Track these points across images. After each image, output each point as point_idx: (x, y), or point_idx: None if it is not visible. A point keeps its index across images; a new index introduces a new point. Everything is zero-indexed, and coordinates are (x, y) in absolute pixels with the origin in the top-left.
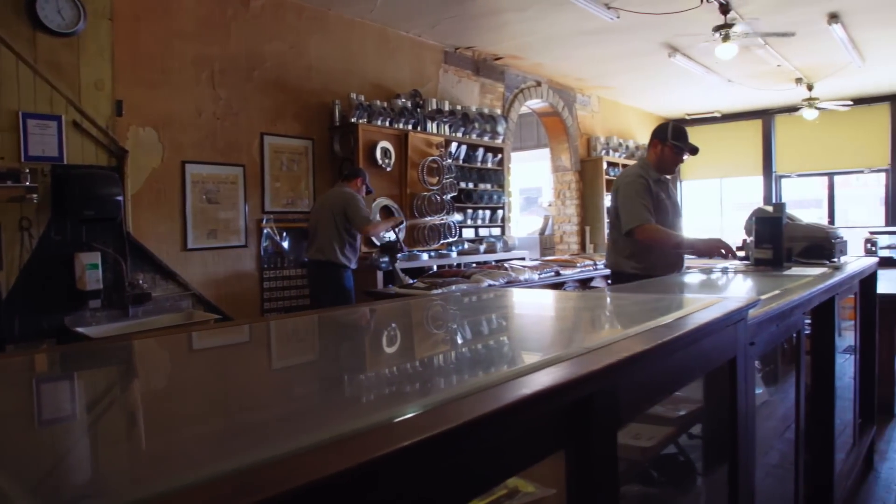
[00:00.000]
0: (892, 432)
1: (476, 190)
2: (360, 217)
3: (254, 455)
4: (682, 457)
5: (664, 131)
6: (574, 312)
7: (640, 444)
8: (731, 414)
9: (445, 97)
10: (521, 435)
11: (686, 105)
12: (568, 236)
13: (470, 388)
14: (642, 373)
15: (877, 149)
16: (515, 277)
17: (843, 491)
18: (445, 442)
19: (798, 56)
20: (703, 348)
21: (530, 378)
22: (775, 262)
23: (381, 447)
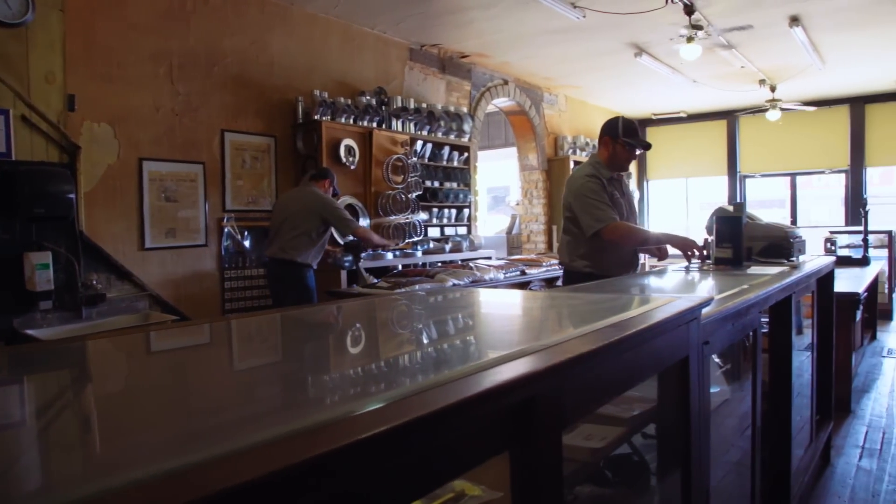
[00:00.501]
0: (849, 428)
1: (442, 189)
2: (346, 220)
3: (192, 455)
4: (636, 457)
5: (615, 128)
6: (526, 312)
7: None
8: (684, 413)
9: (411, 95)
10: (462, 436)
11: (652, 105)
12: (535, 235)
13: (409, 390)
14: (589, 373)
15: (837, 150)
16: (480, 277)
17: (801, 486)
18: (385, 442)
19: (761, 58)
20: (653, 348)
21: (470, 380)
22: (735, 261)
23: (315, 448)
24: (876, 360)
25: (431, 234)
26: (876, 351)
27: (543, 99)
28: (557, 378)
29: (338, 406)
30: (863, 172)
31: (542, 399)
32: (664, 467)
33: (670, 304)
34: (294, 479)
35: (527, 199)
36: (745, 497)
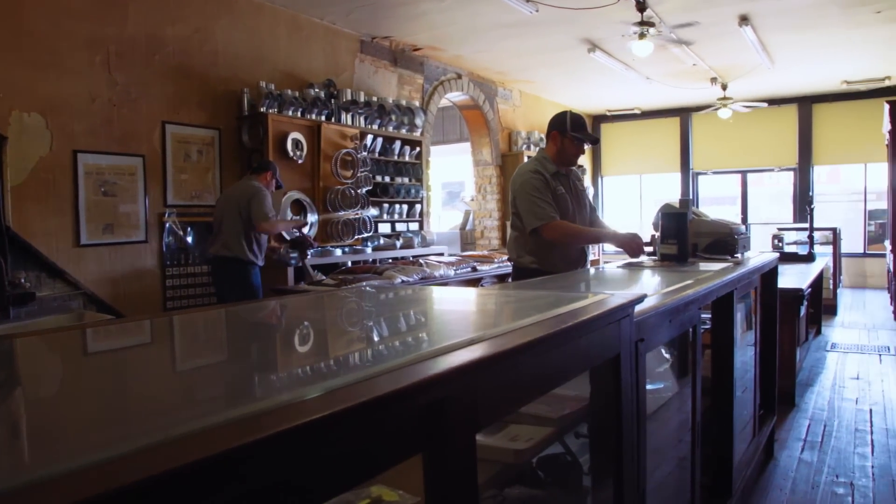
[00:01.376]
0: (793, 422)
1: (393, 184)
2: (260, 213)
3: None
4: (569, 457)
5: (563, 123)
6: (453, 311)
7: (515, 446)
8: (616, 411)
9: (361, 88)
10: (370, 439)
11: (607, 101)
12: (489, 231)
13: (303, 394)
14: (507, 373)
15: (786, 148)
16: (430, 273)
17: (743, 480)
18: (288, 443)
19: (712, 56)
20: (580, 346)
21: (374, 383)
22: (680, 258)
23: (224, 444)
24: (820, 354)
25: (382, 230)
26: (820, 345)
27: (497, 93)
28: (469, 379)
29: (236, 408)
30: (810, 171)
31: (454, 401)
32: (597, 467)
33: (600, 302)
34: (178, 484)
35: (480, 194)
36: (686, 492)
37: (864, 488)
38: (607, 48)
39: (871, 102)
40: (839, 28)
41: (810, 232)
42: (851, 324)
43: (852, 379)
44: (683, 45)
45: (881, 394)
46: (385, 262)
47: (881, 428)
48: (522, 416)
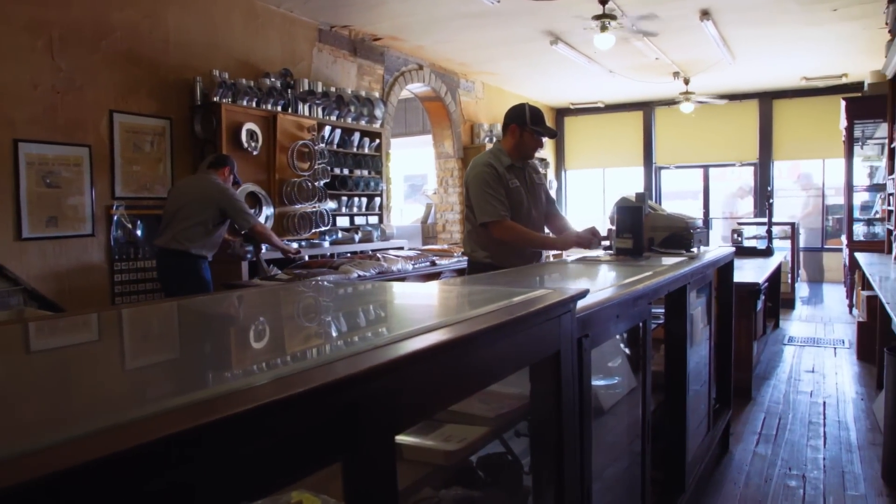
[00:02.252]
0: (748, 415)
1: (352, 176)
2: (247, 214)
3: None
4: (509, 456)
5: (522, 116)
6: (386, 307)
7: (446, 447)
8: (556, 409)
9: (319, 78)
10: (282, 442)
11: (570, 94)
12: (451, 225)
13: (212, 393)
14: (431, 372)
15: (747, 143)
16: (388, 268)
17: (697, 474)
18: (191, 444)
19: (674, 50)
20: (516, 343)
21: (280, 383)
22: (635, 252)
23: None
24: (777, 347)
25: (340, 223)
26: (778, 339)
27: (460, 85)
28: (386, 379)
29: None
30: (770, 166)
31: (369, 402)
32: (537, 467)
33: (538, 298)
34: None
35: (442, 187)
36: (637, 489)
37: (815, 480)
38: (570, 41)
39: (829, 99)
40: (798, 25)
41: (769, 227)
42: (809, 317)
43: (808, 372)
44: (646, 39)
45: (835, 387)
46: (343, 257)
47: (833, 420)
48: (459, 415)
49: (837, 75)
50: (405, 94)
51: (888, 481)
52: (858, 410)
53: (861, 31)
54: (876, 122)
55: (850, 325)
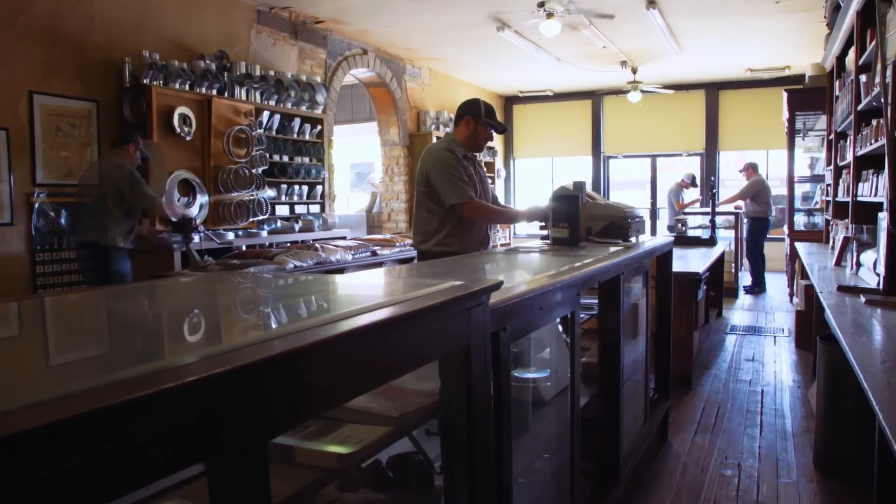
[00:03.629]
0: (689, 405)
1: (292, 164)
2: (145, 194)
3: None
4: (419, 455)
5: (477, 108)
6: (281, 299)
7: (341, 449)
8: (467, 406)
9: (258, 61)
10: (138, 448)
11: (519, 82)
12: (396, 214)
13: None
14: (308, 373)
15: (694, 134)
16: (326, 258)
17: (633, 466)
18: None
19: (621, 39)
20: (415, 338)
21: (127, 386)
22: (572, 241)
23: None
24: (720, 336)
25: (280, 212)
26: (721, 328)
27: (406, 71)
28: (250, 382)
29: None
30: (716, 156)
31: (229, 407)
32: (448, 467)
33: (443, 291)
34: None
35: (388, 175)
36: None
37: (750, 469)
38: (517, 27)
39: (773, 91)
40: (742, 16)
41: (712, 216)
42: (751, 306)
43: (748, 361)
44: (593, 27)
45: (773, 375)
46: (282, 246)
47: (771, 409)
48: (361, 414)
49: (781, 67)
50: (350, 80)
51: (819, 468)
52: (794, 398)
53: (802, 25)
54: (816, 114)
55: (791, 314)
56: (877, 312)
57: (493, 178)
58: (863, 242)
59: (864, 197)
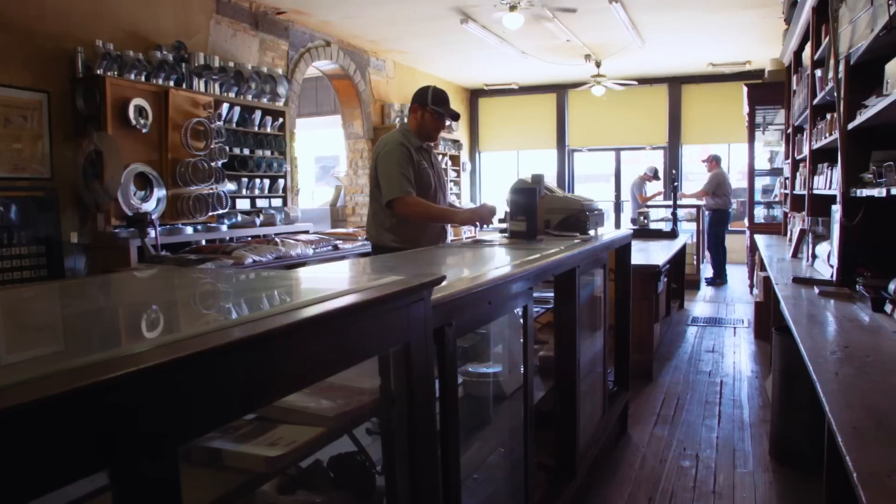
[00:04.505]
0: (649, 396)
1: (253, 157)
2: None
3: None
4: (360, 455)
5: (424, 96)
6: (214, 296)
7: (269, 452)
8: (407, 404)
9: (217, 52)
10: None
11: (484, 75)
12: (361, 208)
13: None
14: (222, 375)
15: (657, 127)
16: (286, 253)
17: (591, 459)
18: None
19: (585, 32)
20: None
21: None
22: (529, 234)
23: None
24: (681, 328)
25: (241, 206)
26: (682, 319)
27: (370, 64)
28: (150, 386)
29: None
30: (679, 149)
31: (136, 410)
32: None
33: (380, 287)
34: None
35: (352, 169)
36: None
37: (707, 459)
38: (480, 20)
39: (734, 85)
40: (704, 11)
41: (674, 209)
42: (712, 298)
43: (708, 352)
44: (557, 20)
45: (732, 366)
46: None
47: (729, 399)
48: (297, 414)
49: (742, 62)
50: (312, 72)
51: (775, 457)
52: (753, 388)
53: (762, 20)
54: (776, 108)
55: (751, 305)
56: (830, 304)
57: (459, 172)
58: (818, 234)
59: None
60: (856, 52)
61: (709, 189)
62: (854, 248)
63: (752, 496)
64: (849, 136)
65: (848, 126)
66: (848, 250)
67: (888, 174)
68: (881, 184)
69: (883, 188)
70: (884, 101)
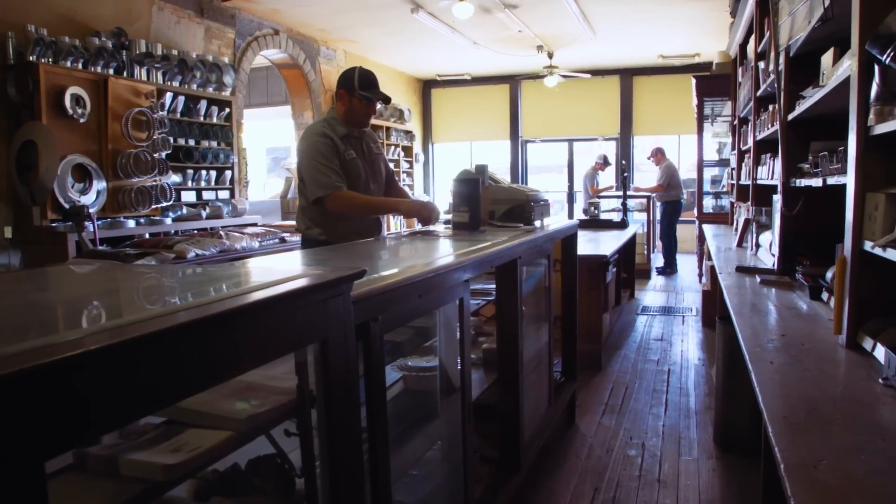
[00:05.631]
0: (598, 386)
1: (198, 148)
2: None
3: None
4: (279, 458)
5: (351, 80)
6: (109, 294)
7: (168, 459)
8: (327, 403)
9: (160, 40)
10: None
11: (436, 66)
12: None
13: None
14: (100, 379)
15: (609, 119)
16: (230, 246)
17: (536, 451)
18: None
19: (537, 23)
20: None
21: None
22: (472, 225)
23: None
24: (631, 317)
25: (186, 198)
26: (632, 309)
27: (320, 53)
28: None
29: None
30: (631, 140)
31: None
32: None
33: (293, 280)
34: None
35: None
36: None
37: (653, 448)
38: (431, 9)
39: (684, 77)
40: (654, 3)
41: (623, 199)
42: (662, 287)
43: (657, 340)
44: (507, 10)
45: (680, 354)
46: (187, 234)
47: (676, 387)
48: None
49: (691, 55)
50: (262, 62)
51: (719, 444)
52: (699, 376)
53: (710, 13)
54: (723, 100)
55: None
56: (771, 292)
57: (412, 163)
58: (762, 224)
59: (763, 180)
60: (795, 44)
61: (664, 182)
62: (794, 237)
63: (696, 483)
64: (789, 127)
65: (788, 117)
66: (788, 239)
67: (823, 164)
68: (818, 174)
69: (819, 178)
70: (820, 92)
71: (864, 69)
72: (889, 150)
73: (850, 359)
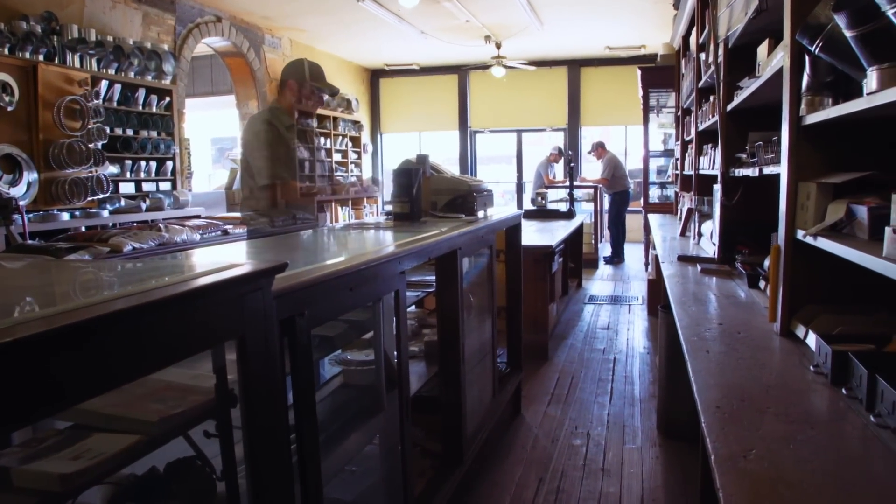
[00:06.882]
0: (544, 376)
1: (137, 138)
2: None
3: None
4: (199, 460)
5: (301, 72)
6: (12, 291)
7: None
8: (245, 402)
9: (94, 25)
10: None
11: (384, 55)
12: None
13: None
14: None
15: (557, 109)
16: (170, 239)
17: (480, 443)
18: None
19: (484, 13)
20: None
21: None
22: (412, 216)
23: None
24: (578, 307)
25: (125, 190)
26: (580, 298)
27: (264, 41)
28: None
29: None
30: (578, 131)
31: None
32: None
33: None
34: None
35: None
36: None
37: (598, 437)
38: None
39: (630, 69)
40: None
41: (570, 189)
42: (610, 276)
43: (603, 329)
44: (454, 0)
45: (626, 343)
46: (125, 226)
47: (621, 376)
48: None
49: (637, 46)
50: (205, 50)
51: (662, 431)
52: (644, 365)
53: (654, 5)
54: (668, 91)
55: (646, 283)
56: (711, 281)
57: (360, 153)
58: (704, 213)
59: (705, 170)
60: (733, 35)
61: (608, 174)
62: (734, 226)
63: (639, 471)
64: (728, 118)
65: (727, 108)
66: (728, 228)
67: (760, 154)
68: (755, 163)
69: (756, 168)
70: (755, 83)
71: (796, 60)
72: (820, 139)
73: (783, 346)
